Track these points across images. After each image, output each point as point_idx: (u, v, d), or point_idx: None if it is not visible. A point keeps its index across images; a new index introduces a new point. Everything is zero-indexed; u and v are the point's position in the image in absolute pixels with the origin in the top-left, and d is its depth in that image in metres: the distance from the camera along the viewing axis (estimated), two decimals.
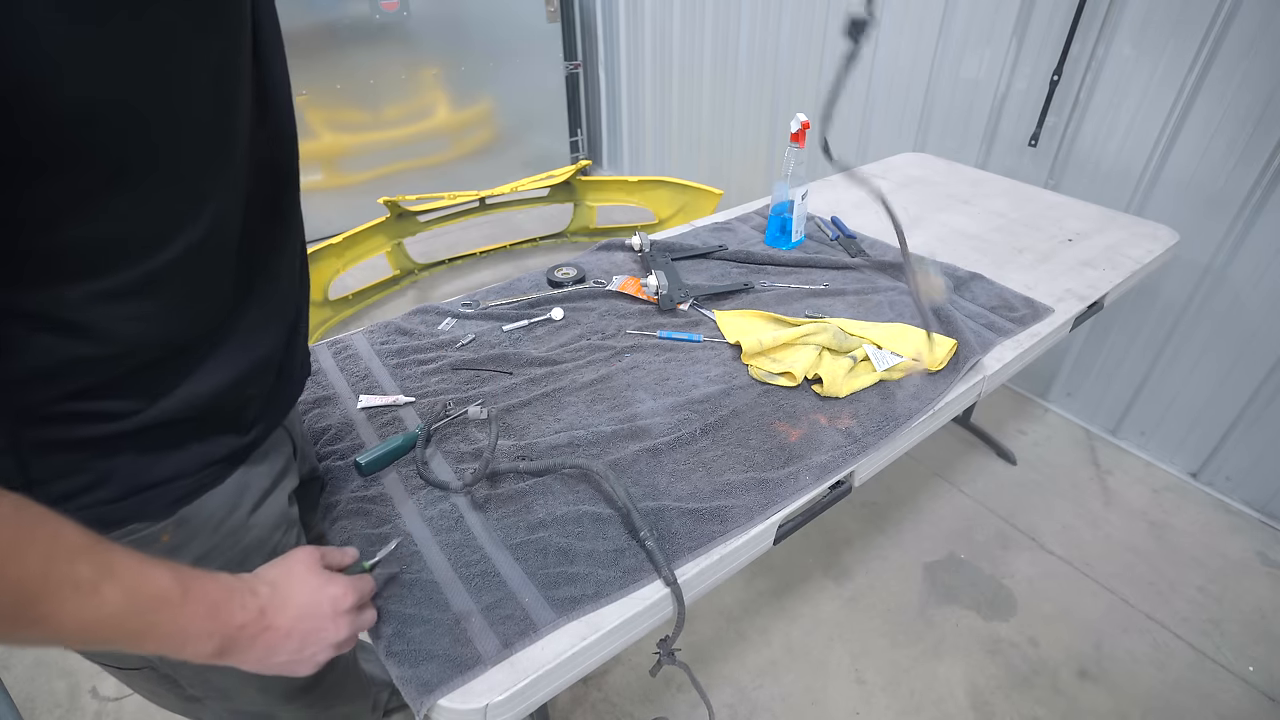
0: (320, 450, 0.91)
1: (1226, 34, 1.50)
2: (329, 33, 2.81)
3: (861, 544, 1.71)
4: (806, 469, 0.88)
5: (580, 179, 2.89)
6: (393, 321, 1.18)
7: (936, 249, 1.42)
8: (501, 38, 3.21)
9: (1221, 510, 1.80)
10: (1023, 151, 1.95)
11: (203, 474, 0.61)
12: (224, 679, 0.70)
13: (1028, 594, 1.59)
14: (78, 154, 0.43)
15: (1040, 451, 1.99)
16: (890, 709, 1.38)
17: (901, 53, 2.16)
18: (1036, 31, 1.82)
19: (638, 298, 1.24)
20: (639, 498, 0.83)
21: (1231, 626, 1.51)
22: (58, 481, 0.53)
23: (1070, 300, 1.26)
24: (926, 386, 1.03)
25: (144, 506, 0.58)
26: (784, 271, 1.35)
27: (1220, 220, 1.63)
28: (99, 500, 0.55)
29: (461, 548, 0.76)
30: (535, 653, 0.67)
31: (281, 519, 0.72)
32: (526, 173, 2.91)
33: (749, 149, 2.93)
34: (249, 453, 0.66)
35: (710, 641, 1.50)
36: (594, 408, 0.98)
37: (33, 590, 0.39)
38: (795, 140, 1.31)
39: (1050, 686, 1.40)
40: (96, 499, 0.55)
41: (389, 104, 3.08)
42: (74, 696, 1.41)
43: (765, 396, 1.00)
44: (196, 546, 0.62)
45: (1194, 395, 1.81)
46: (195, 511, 0.61)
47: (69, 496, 0.54)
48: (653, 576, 0.74)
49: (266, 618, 0.53)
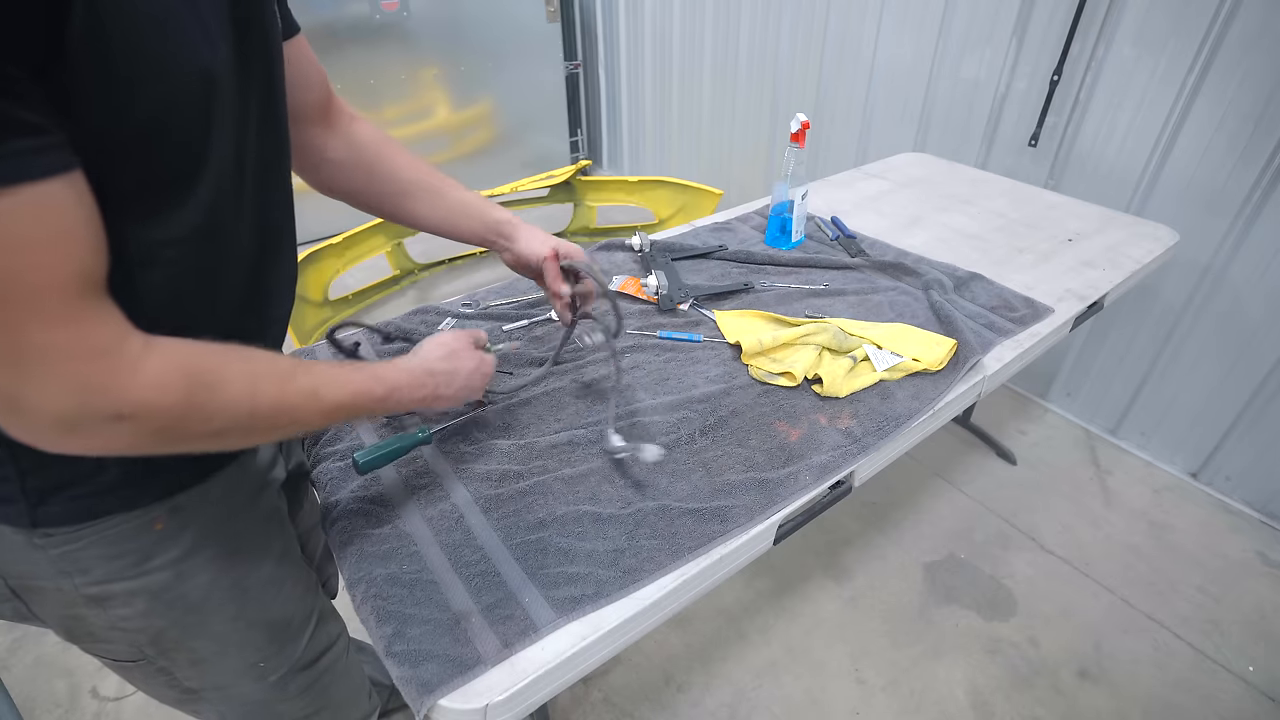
0: (320, 450, 0.91)
1: (1226, 34, 1.50)
2: (329, 33, 2.81)
3: (861, 544, 1.71)
4: (806, 469, 0.88)
5: (580, 179, 2.89)
6: (393, 322, 1.17)
7: (937, 249, 1.42)
8: (501, 38, 3.21)
9: (1221, 510, 1.80)
10: (1023, 151, 1.95)
11: (195, 466, 0.62)
12: (219, 671, 0.70)
13: (1028, 594, 1.59)
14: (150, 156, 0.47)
15: (1040, 451, 1.99)
16: (890, 709, 1.37)
17: (901, 53, 2.17)
18: (1036, 31, 1.82)
19: (638, 298, 1.24)
20: (639, 498, 0.83)
21: (1231, 626, 1.51)
22: (49, 470, 0.54)
23: (1070, 300, 1.26)
24: (926, 386, 1.03)
25: (137, 497, 0.58)
26: (784, 271, 1.35)
27: (1220, 220, 1.63)
28: (92, 490, 0.56)
29: (461, 548, 0.76)
30: (535, 653, 0.67)
31: (272, 513, 0.73)
32: (526, 173, 2.91)
33: (749, 149, 2.93)
34: (236, 450, 0.67)
35: (710, 641, 1.50)
36: (594, 408, 0.98)
37: (281, 407, 0.54)
38: (795, 140, 1.30)
39: (1050, 686, 1.40)
40: (89, 488, 0.55)
41: (389, 104, 3.08)
42: (74, 696, 1.41)
43: (765, 396, 1.00)
44: (187, 537, 0.62)
45: (1194, 395, 1.81)
46: (189, 501, 0.62)
47: (60, 486, 0.54)
48: (653, 576, 0.74)
49: (433, 376, 0.72)
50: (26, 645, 1.50)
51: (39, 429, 0.44)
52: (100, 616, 0.61)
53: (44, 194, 0.39)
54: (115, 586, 0.59)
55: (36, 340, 0.41)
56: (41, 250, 0.40)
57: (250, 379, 0.52)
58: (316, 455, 0.91)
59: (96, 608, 0.60)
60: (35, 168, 0.39)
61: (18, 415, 0.43)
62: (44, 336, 0.41)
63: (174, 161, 0.48)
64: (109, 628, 0.62)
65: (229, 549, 0.66)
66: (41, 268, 0.40)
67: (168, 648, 0.66)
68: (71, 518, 0.56)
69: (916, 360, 1.05)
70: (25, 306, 0.40)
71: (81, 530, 0.56)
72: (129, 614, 0.61)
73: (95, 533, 0.57)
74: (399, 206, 0.84)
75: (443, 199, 0.85)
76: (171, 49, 0.45)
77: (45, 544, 0.56)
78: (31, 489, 0.54)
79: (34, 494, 0.54)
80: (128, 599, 0.61)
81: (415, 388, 0.70)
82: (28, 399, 0.42)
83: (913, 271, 1.31)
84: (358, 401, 0.62)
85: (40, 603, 0.61)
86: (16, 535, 0.55)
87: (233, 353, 0.52)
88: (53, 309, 0.41)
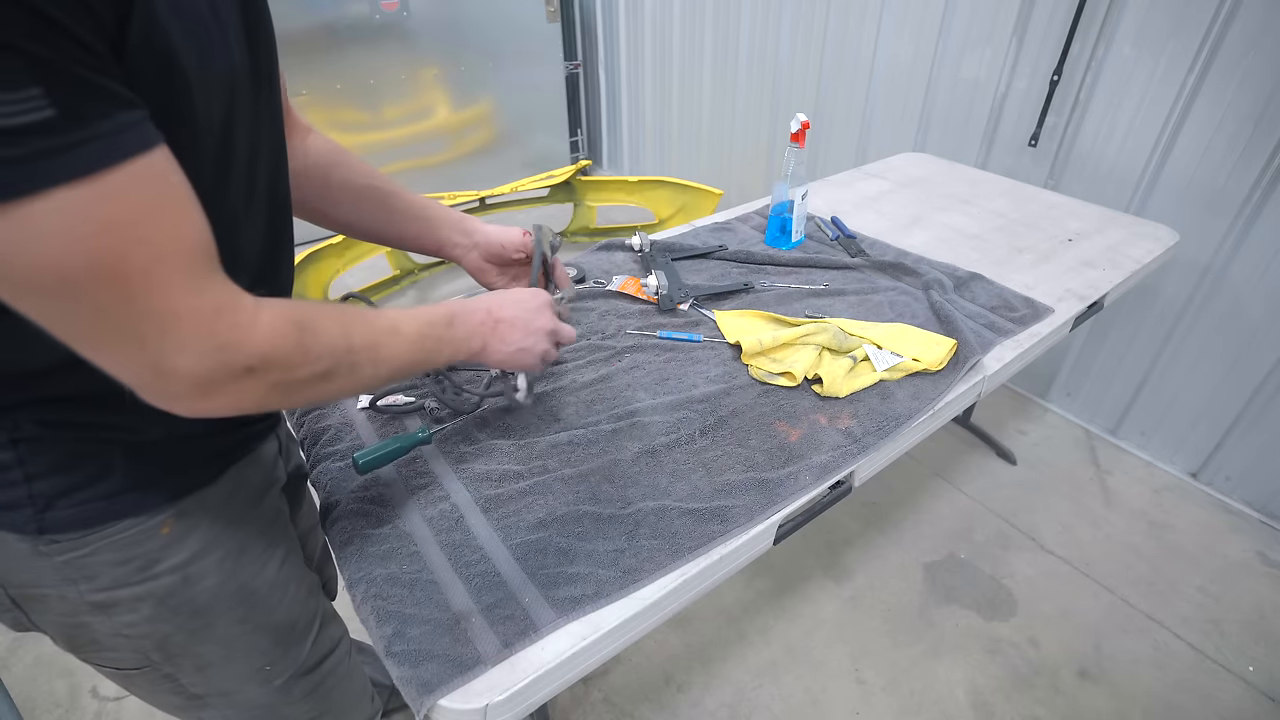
0: (320, 451, 0.91)
1: (1226, 34, 1.50)
2: (329, 33, 2.81)
3: (861, 544, 1.71)
4: (806, 469, 0.88)
5: (580, 179, 2.89)
6: None
7: (937, 249, 1.42)
8: (501, 38, 3.21)
9: (1221, 510, 1.80)
10: (1023, 151, 1.95)
11: (201, 470, 0.62)
12: (224, 677, 0.70)
13: (1028, 594, 1.59)
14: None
15: (1040, 451, 1.99)
16: (890, 709, 1.38)
17: (901, 53, 2.17)
18: (1036, 31, 1.82)
19: (638, 298, 1.24)
20: (639, 498, 0.83)
21: (1231, 626, 1.51)
22: (56, 476, 0.53)
23: (1070, 300, 1.26)
24: (926, 386, 1.03)
25: (145, 500, 0.58)
26: (784, 271, 1.35)
27: (1220, 220, 1.63)
28: (100, 494, 0.55)
29: (461, 548, 0.76)
30: (535, 653, 0.67)
31: (276, 515, 0.73)
32: (526, 173, 2.91)
33: (749, 149, 2.93)
34: (245, 449, 0.67)
35: (710, 642, 1.50)
36: (594, 408, 0.98)
37: (373, 342, 0.58)
38: (795, 140, 1.30)
39: (1050, 687, 1.40)
40: (97, 493, 0.55)
41: (389, 104, 3.08)
42: (74, 696, 1.41)
43: (765, 396, 1.00)
44: (194, 541, 0.62)
45: (1194, 395, 1.81)
46: (195, 505, 0.61)
47: (65, 492, 0.54)
48: (653, 576, 0.74)
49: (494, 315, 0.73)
50: (26, 645, 1.50)
51: (180, 393, 0.46)
52: (105, 624, 0.60)
53: (156, 163, 0.41)
54: (121, 593, 0.59)
55: (174, 306, 0.43)
56: (165, 218, 0.42)
57: (340, 322, 0.55)
58: (316, 455, 0.91)
59: (101, 615, 0.60)
60: (147, 137, 0.40)
61: (162, 381, 0.45)
62: (180, 302, 0.43)
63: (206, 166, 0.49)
64: (114, 635, 0.61)
65: (235, 552, 0.65)
66: (167, 236, 0.42)
67: (174, 653, 0.65)
68: (79, 523, 0.55)
69: (916, 360, 1.05)
70: (158, 274, 0.42)
71: (89, 536, 0.56)
72: (135, 620, 0.61)
73: (103, 538, 0.56)
74: (354, 215, 0.83)
75: (399, 201, 0.85)
76: (204, 57, 0.46)
77: (51, 551, 0.55)
78: (39, 494, 0.53)
79: (41, 499, 0.53)
80: (134, 605, 0.60)
81: (470, 313, 0.71)
82: (171, 364, 0.44)
83: (913, 271, 1.31)
84: (430, 331, 0.65)
85: (41, 611, 0.60)
86: (20, 543, 0.55)
87: (315, 304, 0.55)
88: (182, 275, 0.43)
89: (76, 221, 0.38)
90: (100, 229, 0.39)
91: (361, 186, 0.83)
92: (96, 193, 0.38)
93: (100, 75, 0.37)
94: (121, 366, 0.44)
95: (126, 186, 0.39)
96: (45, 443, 0.52)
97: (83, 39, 0.36)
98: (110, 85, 0.38)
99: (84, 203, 0.37)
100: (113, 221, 0.39)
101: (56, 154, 0.36)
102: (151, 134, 0.41)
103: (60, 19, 0.35)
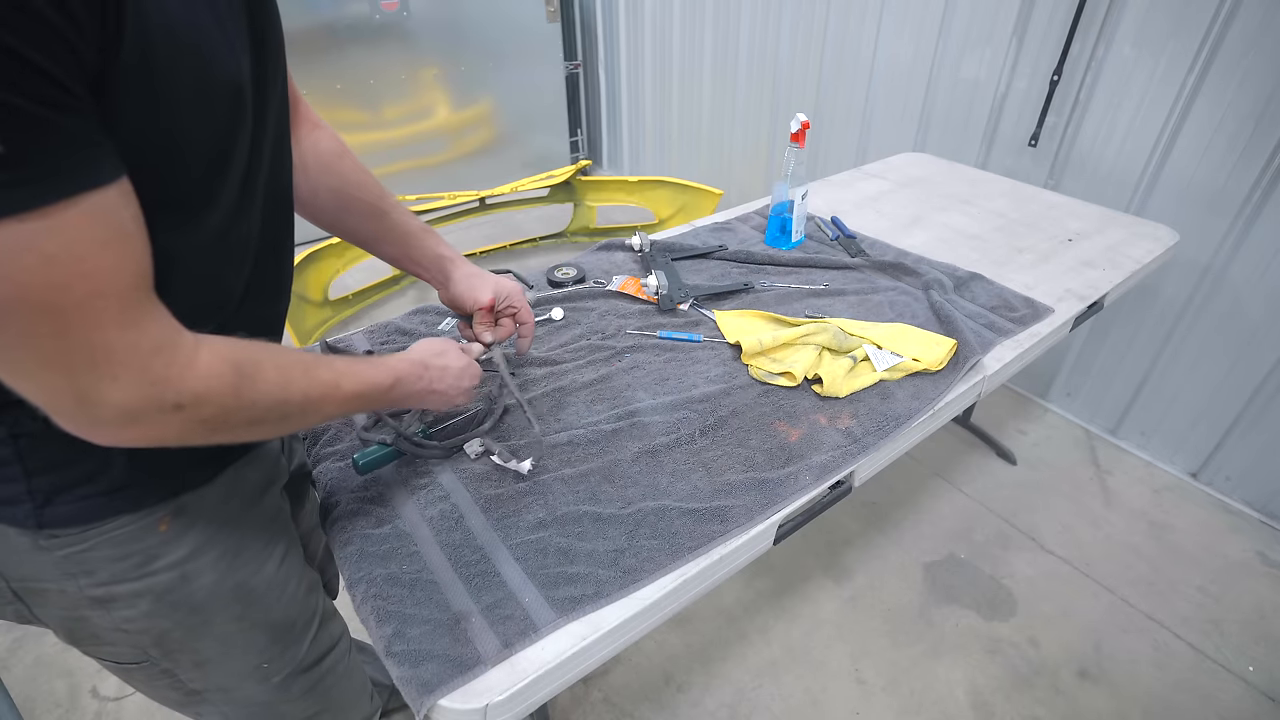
0: (320, 451, 0.91)
1: (1226, 34, 1.50)
2: (329, 33, 2.81)
3: (861, 544, 1.71)
4: (806, 469, 0.88)
5: (580, 179, 2.89)
6: (393, 322, 1.18)
7: (937, 249, 1.42)
8: (501, 38, 3.21)
9: (1221, 510, 1.80)
10: (1023, 151, 1.95)
11: (201, 466, 0.62)
12: (222, 673, 0.70)
13: (1028, 594, 1.59)
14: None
15: (1040, 451, 1.99)
16: (890, 709, 1.38)
17: (901, 53, 2.17)
18: (1036, 31, 1.82)
19: (638, 298, 1.24)
20: (639, 498, 0.83)
21: (1231, 626, 1.51)
22: (55, 472, 0.54)
23: (1070, 300, 1.26)
24: (926, 386, 1.03)
25: (143, 497, 0.58)
26: (784, 271, 1.35)
27: (1220, 220, 1.63)
28: (98, 490, 0.56)
29: (461, 548, 0.76)
30: (535, 653, 0.67)
31: (276, 513, 0.73)
32: (526, 173, 2.91)
33: (749, 149, 2.93)
34: (244, 449, 0.67)
35: (710, 642, 1.50)
36: (594, 407, 0.98)
37: (308, 396, 0.58)
38: (795, 140, 1.30)
39: (1050, 687, 1.40)
40: (96, 489, 0.56)
41: (389, 104, 3.08)
42: (74, 696, 1.41)
43: (765, 396, 1.00)
44: (192, 538, 0.62)
45: (1194, 395, 1.81)
46: (194, 502, 0.62)
47: (67, 487, 0.55)
48: (653, 576, 0.74)
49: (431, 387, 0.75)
50: (26, 645, 1.50)
51: (102, 423, 0.46)
52: (104, 618, 0.61)
53: (105, 200, 0.41)
54: (120, 588, 0.59)
55: (107, 339, 0.43)
56: (108, 254, 0.42)
57: (281, 370, 0.55)
58: (317, 455, 0.91)
59: (101, 609, 0.60)
60: (99, 174, 0.40)
61: (84, 410, 0.45)
62: (114, 336, 0.43)
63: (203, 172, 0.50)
64: (113, 629, 0.62)
65: (234, 550, 0.66)
66: (108, 271, 0.42)
67: (172, 649, 0.66)
68: (78, 519, 0.56)
69: (916, 360, 1.05)
70: (95, 308, 0.42)
71: (88, 531, 0.56)
72: (133, 615, 0.61)
73: (101, 534, 0.57)
74: (341, 220, 0.84)
75: (387, 221, 0.86)
76: (208, 68, 0.47)
77: (50, 545, 0.56)
78: (38, 490, 0.54)
79: (40, 495, 0.54)
80: (132, 600, 0.61)
81: (414, 379, 0.73)
82: (97, 395, 0.44)
83: (913, 271, 1.31)
84: (370, 392, 0.66)
85: (43, 605, 0.61)
86: (21, 537, 0.55)
87: (263, 347, 0.55)
88: (119, 309, 0.43)
89: (17, 254, 0.38)
90: (41, 262, 0.39)
91: (352, 197, 0.83)
92: (41, 227, 0.38)
93: (65, 113, 0.38)
94: (41, 392, 0.44)
95: (71, 222, 0.39)
96: (45, 439, 0.53)
97: (58, 79, 0.37)
98: (71, 123, 0.38)
99: (27, 235, 0.38)
100: (54, 256, 0.39)
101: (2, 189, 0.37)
102: (107, 170, 0.41)
103: (37, 61, 0.35)
